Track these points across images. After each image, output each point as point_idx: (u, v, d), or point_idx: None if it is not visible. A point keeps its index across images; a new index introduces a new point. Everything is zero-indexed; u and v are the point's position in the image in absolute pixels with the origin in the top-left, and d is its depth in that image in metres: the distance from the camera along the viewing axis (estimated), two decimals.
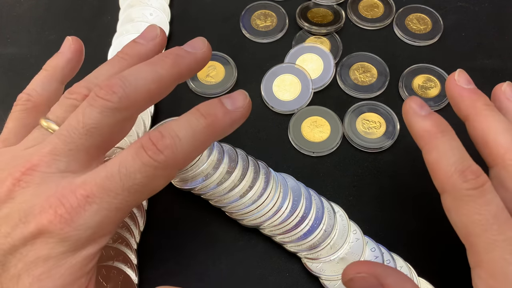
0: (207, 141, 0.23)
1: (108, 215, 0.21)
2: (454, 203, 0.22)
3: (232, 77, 0.36)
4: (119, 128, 0.23)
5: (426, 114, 0.24)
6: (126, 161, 0.21)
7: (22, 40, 0.39)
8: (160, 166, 0.21)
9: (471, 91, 0.25)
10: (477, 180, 0.21)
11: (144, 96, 0.23)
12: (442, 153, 0.22)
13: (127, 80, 0.22)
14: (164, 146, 0.21)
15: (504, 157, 0.22)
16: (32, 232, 0.20)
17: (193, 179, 0.30)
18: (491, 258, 0.20)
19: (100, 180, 0.21)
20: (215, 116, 0.23)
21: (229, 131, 0.24)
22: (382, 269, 0.21)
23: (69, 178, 0.21)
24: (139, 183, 0.21)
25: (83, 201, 0.21)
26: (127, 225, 0.29)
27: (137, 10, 0.39)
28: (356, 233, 0.29)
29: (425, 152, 0.23)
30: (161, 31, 0.27)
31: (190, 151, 0.22)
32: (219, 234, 0.30)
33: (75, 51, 0.28)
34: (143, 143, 0.21)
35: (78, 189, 0.21)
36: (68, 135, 0.22)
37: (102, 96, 0.22)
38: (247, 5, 0.40)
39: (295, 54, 0.37)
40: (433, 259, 0.29)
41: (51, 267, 0.20)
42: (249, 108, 0.24)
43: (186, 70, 0.25)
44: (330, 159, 0.33)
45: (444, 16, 0.39)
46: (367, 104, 0.34)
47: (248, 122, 0.34)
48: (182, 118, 0.23)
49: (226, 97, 0.24)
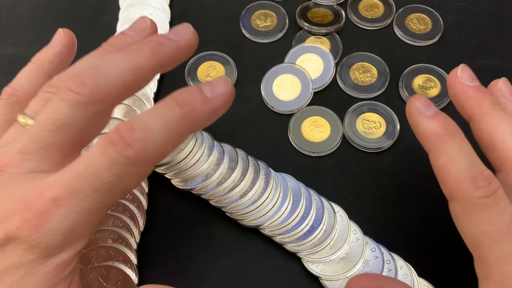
0: (183, 133, 0.21)
1: (79, 218, 0.19)
2: (464, 211, 0.21)
3: (232, 77, 0.36)
4: (93, 123, 0.21)
5: (432, 114, 0.22)
6: (93, 158, 0.19)
7: (22, 40, 0.39)
8: (130, 162, 0.19)
9: (476, 88, 0.23)
10: (490, 188, 0.20)
11: (118, 88, 0.21)
12: (452, 157, 0.21)
13: (99, 71, 0.20)
14: (134, 139, 0.19)
15: None
16: (1, 238, 0.19)
17: (193, 179, 0.30)
18: (503, 272, 0.19)
19: (67, 181, 0.19)
20: (192, 105, 0.21)
21: (209, 122, 0.22)
22: (386, 281, 0.21)
23: (39, 179, 0.20)
24: (108, 182, 0.19)
25: (51, 204, 0.19)
26: (127, 225, 0.29)
27: (137, 10, 0.39)
28: (356, 233, 0.29)
29: (432, 156, 0.22)
30: (151, 22, 0.25)
31: (163, 144, 0.20)
32: (219, 234, 0.30)
33: (66, 44, 0.26)
34: (110, 138, 0.19)
35: (45, 191, 0.19)
36: (38, 132, 0.20)
37: (73, 89, 0.20)
38: (247, 5, 0.40)
39: (295, 54, 0.37)
40: (433, 259, 0.29)
41: (23, 275, 0.19)
42: (232, 96, 0.22)
43: (167, 59, 0.22)
44: (330, 159, 0.33)
45: (444, 16, 0.39)
46: (367, 104, 0.34)
47: (248, 122, 0.35)
48: (155, 108, 0.21)
49: (206, 84, 0.22)
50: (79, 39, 0.39)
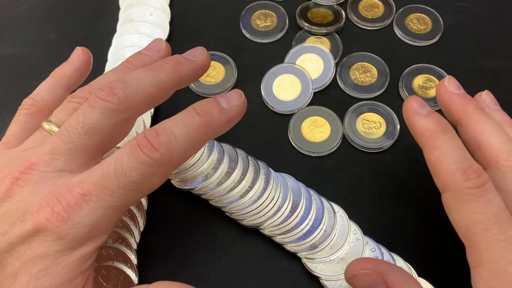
0: (203, 139, 0.23)
1: (104, 213, 0.21)
2: (455, 201, 0.22)
3: (232, 77, 0.36)
4: (119, 130, 0.23)
5: (427, 113, 0.24)
6: (122, 159, 0.21)
7: (22, 40, 0.39)
8: (155, 163, 0.21)
9: (461, 96, 0.25)
10: (479, 179, 0.21)
11: (143, 99, 0.23)
12: (444, 151, 0.22)
13: (127, 83, 0.23)
14: (160, 143, 0.21)
15: (497, 158, 0.23)
16: (30, 230, 0.20)
17: (193, 179, 0.30)
18: (492, 258, 0.20)
19: (96, 179, 0.21)
20: (211, 114, 0.23)
21: (225, 130, 0.24)
22: (386, 266, 0.22)
23: (66, 177, 0.22)
24: (134, 180, 0.21)
25: (80, 199, 0.21)
26: (127, 225, 0.29)
27: (137, 10, 0.39)
28: (356, 233, 0.29)
29: (426, 150, 0.23)
30: (166, 44, 0.27)
31: (185, 148, 0.22)
32: (219, 234, 0.30)
33: (84, 61, 0.28)
34: (138, 141, 0.21)
35: (75, 187, 0.21)
36: (68, 134, 0.22)
37: (103, 97, 0.22)
38: (247, 5, 0.40)
39: (295, 54, 0.37)
40: (433, 259, 0.29)
41: (48, 265, 0.20)
42: (245, 107, 0.25)
43: (185, 76, 0.25)
44: (330, 159, 0.33)
45: (444, 16, 0.39)
46: (367, 104, 0.34)
47: (248, 122, 0.35)
48: (177, 117, 0.23)
49: (222, 96, 0.24)
50: (79, 39, 0.39)
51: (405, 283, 0.21)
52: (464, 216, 0.21)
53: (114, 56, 0.37)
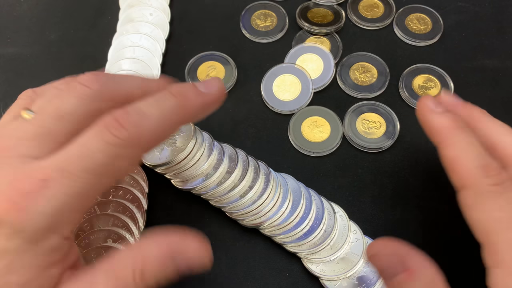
0: (177, 121, 0.22)
1: (67, 201, 0.19)
2: (474, 199, 0.21)
3: (232, 77, 0.36)
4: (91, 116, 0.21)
5: (443, 111, 0.24)
6: (87, 140, 0.20)
7: (22, 40, 0.39)
8: (123, 143, 0.20)
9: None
10: (500, 177, 0.21)
11: None
12: (462, 148, 0.22)
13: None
14: (128, 122, 0.20)
15: None
16: None
17: (193, 179, 0.30)
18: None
19: (58, 162, 0.19)
20: (186, 96, 0.22)
21: (201, 115, 0.23)
22: (407, 250, 0.21)
23: (28, 163, 0.20)
24: (101, 163, 0.19)
25: (39, 185, 0.19)
26: (127, 225, 0.29)
27: (137, 10, 0.39)
28: (356, 233, 0.29)
29: (443, 147, 0.23)
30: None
31: (157, 130, 0.21)
32: (219, 234, 0.30)
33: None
34: (105, 121, 0.20)
35: (35, 173, 0.19)
36: (40, 119, 0.21)
37: (79, 88, 0.21)
38: (247, 5, 0.40)
39: (295, 54, 0.37)
40: (433, 259, 0.29)
41: (11, 261, 0.19)
42: (223, 95, 0.24)
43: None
44: (330, 159, 0.33)
45: (444, 16, 0.39)
46: (367, 104, 0.34)
47: (248, 122, 0.35)
48: (150, 97, 0.22)
49: (200, 82, 0.23)
50: (79, 39, 0.39)
51: (425, 268, 0.21)
52: (483, 214, 0.21)
53: (114, 56, 0.37)
